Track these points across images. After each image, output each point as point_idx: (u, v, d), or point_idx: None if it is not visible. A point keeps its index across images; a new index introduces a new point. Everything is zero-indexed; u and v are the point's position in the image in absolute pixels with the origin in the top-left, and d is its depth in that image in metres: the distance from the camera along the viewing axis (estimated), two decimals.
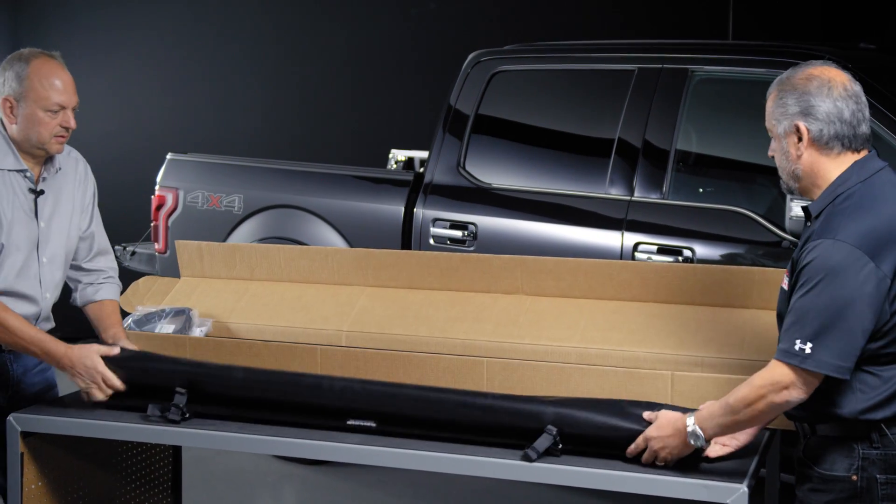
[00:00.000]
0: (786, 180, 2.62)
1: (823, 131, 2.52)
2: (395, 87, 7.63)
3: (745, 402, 2.47)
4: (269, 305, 3.73)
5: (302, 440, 2.87)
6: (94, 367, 3.04)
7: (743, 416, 2.49)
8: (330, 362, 3.24)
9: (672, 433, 2.59)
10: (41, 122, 3.04)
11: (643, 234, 4.40)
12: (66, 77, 3.08)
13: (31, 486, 3.09)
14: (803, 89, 2.53)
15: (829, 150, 2.53)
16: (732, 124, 4.74)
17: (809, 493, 2.55)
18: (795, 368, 2.40)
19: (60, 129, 3.08)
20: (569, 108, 5.01)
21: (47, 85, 3.04)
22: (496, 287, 3.58)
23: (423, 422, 2.85)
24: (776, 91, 2.59)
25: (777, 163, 2.63)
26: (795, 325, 2.42)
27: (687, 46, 4.69)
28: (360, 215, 5.05)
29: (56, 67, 3.07)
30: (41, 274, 3.16)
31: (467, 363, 3.13)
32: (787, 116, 2.55)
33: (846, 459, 2.48)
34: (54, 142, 3.09)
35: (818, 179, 2.55)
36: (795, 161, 2.56)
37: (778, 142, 2.60)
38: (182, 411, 2.96)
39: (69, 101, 3.08)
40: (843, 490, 2.48)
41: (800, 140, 2.54)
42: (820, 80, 2.53)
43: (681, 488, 2.56)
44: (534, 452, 2.65)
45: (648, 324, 3.36)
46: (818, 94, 2.52)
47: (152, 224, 5.47)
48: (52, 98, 3.04)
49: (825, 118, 2.51)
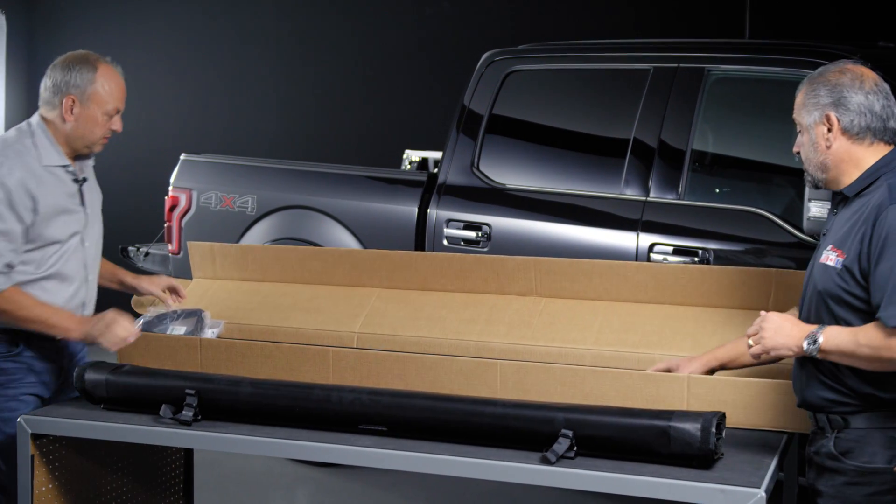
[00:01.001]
0: (812, 172, 2.68)
1: (854, 121, 2.60)
2: (409, 87, 7.61)
3: (871, 343, 2.47)
4: (282, 307, 3.70)
5: (314, 443, 2.85)
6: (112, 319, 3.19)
7: (861, 353, 2.48)
8: (342, 364, 3.21)
9: (794, 324, 2.58)
10: (98, 123, 3.28)
11: (659, 235, 4.36)
12: (123, 84, 3.34)
13: (41, 489, 3.07)
14: (836, 81, 2.62)
15: (861, 140, 2.62)
16: (749, 124, 4.70)
17: (845, 488, 2.55)
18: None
19: (109, 132, 3.32)
20: (584, 108, 4.97)
21: (109, 90, 3.28)
22: (510, 289, 3.55)
23: (433, 431, 2.81)
24: (807, 85, 2.68)
25: (803, 155, 2.70)
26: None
27: (703, 45, 4.65)
28: (373, 216, 5.03)
29: (116, 75, 3.32)
30: (86, 257, 3.35)
31: (480, 365, 3.09)
32: (819, 107, 2.63)
33: (887, 451, 2.51)
34: (101, 142, 3.34)
35: (850, 168, 2.63)
36: (824, 151, 2.64)
37: (806, 133, 2.67)
38: (195, 411, 2.94)
39: (122, 107, 3.34)
40: (884, 482, 2.51)
41: (829, 130, 2.62)
42: (853, 73, 2.63)
43: (698, 493, 2.52)
44: (553, 455, 2.62)
45: (664, 326, 3.32)
46: (851, 86, 2.61)
47: (166, 225, 5.46)
48: (111, 103, 3.28)
49: (856, 109, 2.60)
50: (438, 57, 7.48)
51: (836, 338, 2.52)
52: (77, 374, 3.10)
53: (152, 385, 3.03)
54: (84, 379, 3.08)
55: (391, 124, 7.59)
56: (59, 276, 3.26)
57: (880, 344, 2.45)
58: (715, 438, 2.57)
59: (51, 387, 3.33)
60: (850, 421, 2.56)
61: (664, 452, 2.60)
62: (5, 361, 3.25)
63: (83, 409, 3.10)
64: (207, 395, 2.97)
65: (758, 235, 4.20)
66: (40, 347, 3.29)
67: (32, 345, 3.27)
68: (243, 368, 3.26)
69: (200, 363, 3.34)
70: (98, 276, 3.48)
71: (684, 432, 2.58)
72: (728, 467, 2.60)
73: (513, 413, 2.74)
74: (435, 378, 3.11)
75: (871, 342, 2.47)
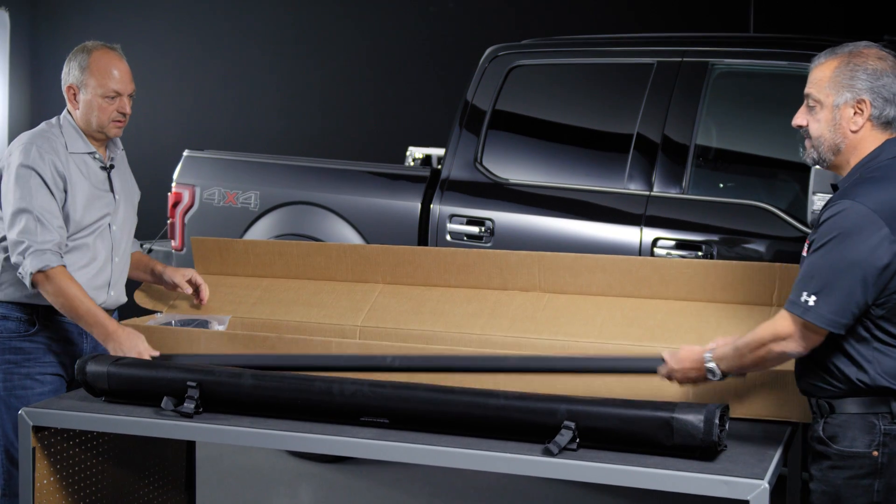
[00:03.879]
0: (822, 151, 2.62)
1: (885, 111, 2.56)
2: (413, 84, 7.60)
3: (749, 347, 2.60)
4: (284, 301, 3.70)
5: (316, 435, 2.84)
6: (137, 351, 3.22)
7: (748, 360, 2.62)
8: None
9: (692, 366, 2.73)
10: (100, 107, 3.36)
11: (662, 230, 4.34)
12: (123, 66, 3.40)
13: (42, 482, 3.07)
14: (876, 67, 2.55)
15: (883, 129, 2.58)
16: (753, 118, 4.68)
17: (829, 472, 2.57)
18: (796, 319, 2.51)
19: (118, 115, 3.39)
20: (587, 103, 4.96)
21: (105, 73, 3.35)
22: (513, 284, 3.54)
23: (435, 423, 2.81)
24: (840, 61, 2.58)
25: (812, 131, 2.62)
26: (804, 278, 2.52)
27: (707, 39, 4.64)
28: (376, 211, 5.02)
29: (114, 58, 3.39)
30: (112, 240, 3.47)
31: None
32: (853, 90, 2.56)
33: (867, 436, 2.52)
34: (112, 126, 3.41)
35: (856, 156, 2.59)
36: (845, 135, 2.58)
37: (826, 111, 2.59)
38: (196, 403, 2.93)
39: (125, 89, 3.39)
40: (863, 466, 2.52)
41: (856, 114, 2.56)
42: (892, 61, 2.57)
43: (701, 485, 2.52)
44: (555, 447, 2.61)
45: (667, 321, 3.30)
46: (890, 74, 2.55)
47: (169, 221, 5.46)
48: (109, 85, 3.35)
49: (891, 98, 2.56)
50: (442, 54, 7.47)
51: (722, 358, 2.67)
52: (78, 367, 3.10)
53: (154, 377, 3.03)
54: (85, 371, 3.08)
55: (395, 121, 7.58)
56: (84, 255, 3.36)
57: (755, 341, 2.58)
58: (718, 430, 2.56)
59: (70, 369, 3.38)
60: (835, 406, 2.58)
61: (667, 444, 2.59)
62: (22, 341, 3.33)
63: (84, 402, 3.10)
64: (209, 387, 2.97)
65: (762, 230, 4.19)
66: (59, 329, 3.37)
67: (51, 326, 3.35)
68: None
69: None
70: (132, 268, 3.63)
71: (687, 424, 2.57)
72: (731, 458, 2.59)
73: (515, 405, 2.74)
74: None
75: (749, 344, 2.60)
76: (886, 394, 2.51)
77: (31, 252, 3.21)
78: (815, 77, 2.61)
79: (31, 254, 3.21)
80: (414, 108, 7.57)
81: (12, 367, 3.32)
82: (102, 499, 3.33)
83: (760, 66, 4.45)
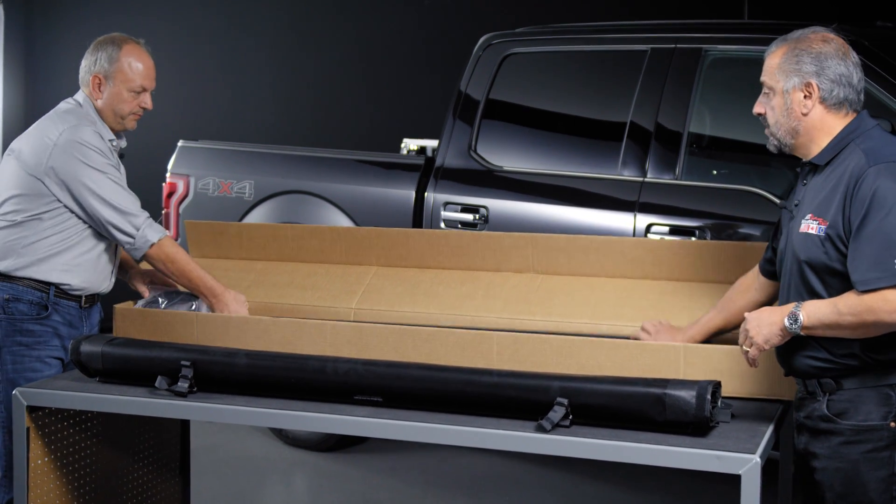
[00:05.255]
0: (780, 137, 2.70)
1: (834, 92, 2.62)
2: (408, 76, 7.60)
3: (852, 310, 2.48)
4: (279, 284, 3.70)
5: (309, 413, 2.84)
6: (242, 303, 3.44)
7: (845, 321, 2.49)
8: (339, 338, 3.20)
9: (770, 312, 2.62)
10: (124, 100, 3.44)
11: (656, 216, 4.36)
12: (150, 63, 3.49)
13: (37, 462, 3.07)
14: (820, 50, 2.63)
15: (837, 110, 2.64)
16: (747, 105, 4.68)
17: (841, 448, 2.58)
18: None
19: (138, 109, 3.48)
20: (581, 90, 4.96)
21: (134, 68, 3.43)
22: (507, 265, 3.55)
23: (428, 401, 2.81)
24: (787, 48, 2.67)
25: (771, 119, 2.70)
26: (889, 248, 2.43)
27: (700, 26, 4.65)
28: (370, 200, 5.03)
29: (143, 54, 3.47)
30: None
31: (477, 337, 3.08)
32: (800, 74, 2.63)
33: (882, 408, 2.54)
34: (131, 118, 3.49)
35: (821, 136, 2.65)
36: (799, 118, 2.65)
37: (779, 97, 2.67)
38: (190, 383, 2.94)
39: (150, 85, 3.48)
40: (881, 438, 2.54)
41: (806, 97, 2.63)
42: (836, 43, 2.65)
43: (693, 460, 2.52)
44: (548, 423, 2.62)
45: (661, 301, 3.32)
46: (835, 56, 2.62)
47: (163, 211, 5.46)
48: (137, 80, 3.43)
49: (837, 79, 2.62)
50: (437, 46, 7.47)
51: (816, 312, 2.53)
52: (72, 346, 3.10)
53: (148, 357, 3.03)
54: (79, 351, 3.08)
55: (389, 113, 7.59)
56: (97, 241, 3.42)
57: (861, 307, 2.46)
58: (710, 406, 2.57)
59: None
60: (842, 383, 2.58)
61: (659, 420, 2.60)
62: (34, 324, 3.35)
63: (78, 382, 3.10)
64: (203, 366, 2.97)
65: (755, 215, 4.20)
66: (67, 313, 3.39)
67: (60, 310, 3.38)
68: (240, 343, 3.26)
69: (197, 338, 3.34)
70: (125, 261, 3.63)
71: (679, 399, 2.58)
72: (723, 434, 2.60)
73: (508, 382, 2.74)
74: (431, 350, 3.11)
75: (852, 308, 2.48)
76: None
77: (144, 225, 3.36)
78: (767, 65, 2.70)
79: (145, 226, 3.36)
80: (408, 100, 7.57)
81: (24, 350, 3.34)
82: (97, 480, 3.33)
83: (754, 53, 4.45)
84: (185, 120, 7.75)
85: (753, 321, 2.63)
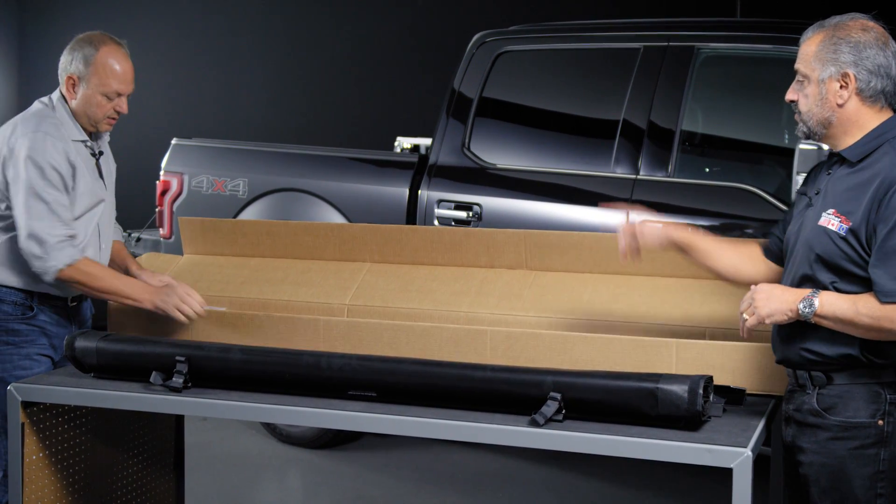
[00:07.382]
0: (812, 125, 2.61)
1: (871, 83, 2.54)
2: (401, 74, 7.62)
3: (871, 314, 2.45)
4: (272, 280, 3.71)
5: (304, 408, 2.86)
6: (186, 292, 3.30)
7: (861, 321, 2.46)
8: (333, 334, 3.22)
9: (784, 289, 2.57)
10: (98, 104, 3.33)
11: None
12: (128, 66, 3.35)
13: (31, 457, 3.08)
14: (859, 39, 2.54)
15: (873, 102, 2.56)
16: (739, 102, 4.71)
17: (828, 443, 2.57)
18: None
19: (113, 113, 3.36)
20: (574, 88, 4.98)
21: (110, 72, 3.30)
22: (500, 262, 3.56)
23: (422, 396, 2.83)
24: (824, 35, 2.58)
25: (804, 107, 2.62)
26: None
27: (692, 24, 4.66)
28: (364, 198, 5.04)
29: (121, 57, 3.34)
30: (99, 226, 3.44)
31: (470, 333, 3.10)
32: (837, 63, 2.55)
33: (871, 405, 2.53)
34: (105, 122, 3.38)
35: (853, 128, 2.58)
36: (833, 109, 2.57)
37: (814, 86, 2.59)
38: (185, 378, 2.95)
39: (126, 90, 3.35)
40: (868, 436, 2.52)
41: (842, 87, 2.55)
42: (876, 32, 2.56)
43: (685, 453, 2.54)
44: (541, 418, 2.63)
45: (653, 297, 3.33)
46: (874, 45, 2.54)
47: (157, 209, 5.47)
48: (112, 86, 3.31)
49: (875, 70, 2.54)
50: (430, 44, 7.48)
51: (833, 304, 2.49)
52: (67, 342, 3.11)
53: (143, 352, 3.04)
54: (74, 346, 3.09)
55: (383, 111, 7.60)
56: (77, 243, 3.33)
57: (881, 314, 2.43)
58: (702, 400, 2.58)
59: (60, 351, 3.39)
60: (833, 378, 2.57)
61: (652, 414, 2.62)
62: (20, 323, 3.33)
63: (73, 377, 3.11)
64: (198, 362, 2.98)
65: (747, 212, 4.22)
66: (54, 312, 3.38)
67: (46, 309, 3.36)
68: (234, 339, 3.27)
69: (192, 334, 3.36)
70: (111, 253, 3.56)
71: (672, 394, 2.59)
72: (715, 428, 2.62)
73: (501, 377, 2.76)
74: (425, 346, 3.12)
75: (872, 312, 2.44)
76: (891, 363, 2.51)
77: (52, 247, 3.18)
78: (803, 52, 2.61)
79: (53, 249, 3.19)
80: (402, 98, 7.59)
81: (11, 349, 3.31)
82: (92, 475, 3.34)
83: (746, 51, 4.48)
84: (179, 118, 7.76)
85: (763, 292, 2.57)
